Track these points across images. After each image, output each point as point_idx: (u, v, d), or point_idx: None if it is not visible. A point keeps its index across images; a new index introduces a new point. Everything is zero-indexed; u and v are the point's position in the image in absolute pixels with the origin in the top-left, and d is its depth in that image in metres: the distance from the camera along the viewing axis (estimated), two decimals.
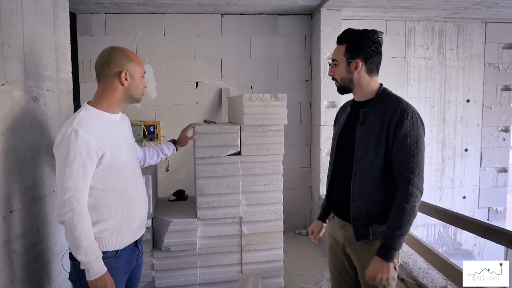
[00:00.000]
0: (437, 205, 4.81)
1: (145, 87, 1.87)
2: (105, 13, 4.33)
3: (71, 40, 2.60)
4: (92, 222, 1.66)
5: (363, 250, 1.76)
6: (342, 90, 1.84)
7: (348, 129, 1.85)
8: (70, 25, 4.28)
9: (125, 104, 1.83)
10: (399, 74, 4.72)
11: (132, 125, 4.30)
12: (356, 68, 1.74)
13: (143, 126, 4.34)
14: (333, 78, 1.85)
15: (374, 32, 1.75)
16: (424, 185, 1.70)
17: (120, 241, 1.75)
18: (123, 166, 1.74)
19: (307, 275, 3.55)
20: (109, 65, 1.73)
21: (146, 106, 4.45)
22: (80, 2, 3.94)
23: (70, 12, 4.20)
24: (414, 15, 4.47)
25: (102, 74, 1.75)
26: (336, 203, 1.92)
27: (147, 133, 4.37)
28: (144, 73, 1.86)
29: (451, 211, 2.51)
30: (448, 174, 4.91)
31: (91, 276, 1.60)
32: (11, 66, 1.86)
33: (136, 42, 4.38)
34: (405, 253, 2.79)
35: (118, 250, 1.74)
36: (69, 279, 1.77)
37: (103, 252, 1.69)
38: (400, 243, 1.65)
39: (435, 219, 2.73)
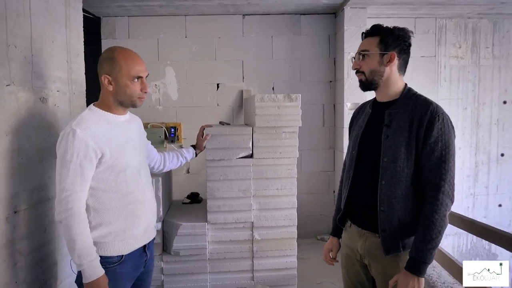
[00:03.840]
0: (470, 213, 4.59)
1: (145, 92, 1.70)
2: (128, 16, 4.37)
3: (95, 43, 2.61)
4: (94, 225, 1.64)
5: (387, 261, 1.63)
6: (367, 84, 1.69)
7: (371, 132, 1.72)
8: (94, 29, 4.39)
9: (123, 107, 1.75)
10: (429, 74, 4.49)
11: (153, 127, 4.36)
12: (390, 61, 1.62)
13: (164, 128, 4.36)
14: (357, 72, 1.71)
15: (407, 29, 1.66)
16: (456, 192, 1.56)
17: (124, 246, 1.70)
18: (125, 167, 1.69)
19: (326, 284, 3.42)
20: (98, 67, 1.69)
21: (167, 108, 4.45)
22: (103, 6, 3.99)
23: (94, 16, 4.30)
24: (445, 11, 4.24)
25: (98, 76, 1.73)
26: (354, 211, 1.78)
27: (168, 135, 4.37)
28: (141, 76, 1.68)
29: (478, 221, 2.32)
30: (482, 180, 4.62)
31: (84, 279, 1.56)
32: (17, 67, 1.85)
33: (158, 44, 4.40)
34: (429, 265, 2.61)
35: (122, 256, 1.69)
36: (75, 281, 1.75)
37: (107, 257, 1.65)
38: (431, 256, 1.51)
39: None
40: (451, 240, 4.52)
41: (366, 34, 1.70)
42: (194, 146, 2.40)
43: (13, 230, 1.82)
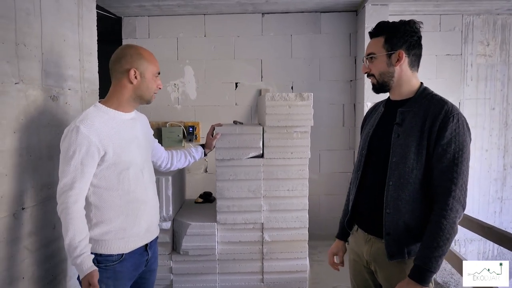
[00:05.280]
0: (497, 218, 4.38)
1: (159, 88, 1.80)
2: (148, 16, 4.40)
3: (117, 43, 2.62)
4: (95, 222, 1.65)
5: (393, 268, 1.56)
6: (379, 87, 1.63)
7: (381, 131, 1.65)
8: (116, 29, 4.45)
9: (136, 104, 1.78)
10: (454, 73, 4.31)
11: (172, 126, 4.37)
12: (398, 60, 1.55)
13: (182, 127, 4.37)
14: (368, 75, 1.66)
15: (414, 21, 1.56)
16: (482, 196, 1.48)
17: (125, 245, 1.70)
18: (128, 165, 1.69)
19: (342, 287, 3.34)
20: (120, 61, 1.70)
21: (186, 107, 4.46)
22: (124, 6, 4.03)
23: (115, 16, 4.36)
24: (472, 8, 4.07)
25: (113, 71, 1.73)
26: (361, 213, 1.71)
27: (186, 134, 4.38)
28: (159, 73, 1.79)
29: (497, 228, 2.18)
30: (510, 184, 4.39)
31: (80, 270, 1.57)
32: (26, 65, 1.88)
33: (178, 43, 4.41)
34: (447, 272, 2.50)
35: (123, 254, 1.69)
36: (77, 279, 1.76)
37: (107, 256, 1.66)
38: (438, 265, 1.43)
39: None
40: (477, 245, 4.33)
41: (372, 34, 1.63)
42: (203, 145, 2.37)
43: (20, 227, 1.84)
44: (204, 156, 2.35)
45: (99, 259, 1.64)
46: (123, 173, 1.68)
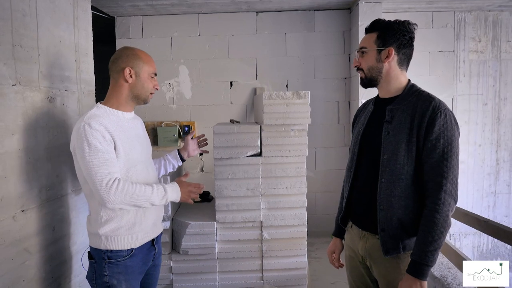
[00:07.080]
0: (491, 212, 4.44)
1: (156, 89, 1.85)
2: (142, 16, 4.39)
3: (110, 43, 2.61)
4: (105, 220, 1.69)
5: (387, 263, 1.59)
6: (367, 81, 1.67)
7: (371, 128, 1.68)
8: (109, 29, 4.42)
9: (134, 104, 1.83)
10: (447, 69, 4.35)
11: (168, 125, 4.36)
12: (387, 57, 1.58)
13: (178, 126, 4.36)
14: (358, 69, 1.69)
15: (408, 22, 1.60)
16: (476, 190, 1.50)
17: (134, 240, 1.74)
18: (135, 162, 1.75)
19: (340, 283, 3.37)
20: (117, 61, 1.76)
21: (181, 107, 4.46)
22: (117, 5, 4.02)
23: (109, 16, 4.33)
24: (463, 4, 4.11)
25: (111, 71, 1.78)
26: (355, 210, 1.74)
27: (181, 134, 4.38)
28: (155, 74, 1.84)
29: (493, 221, 2.21)
30: (503, 178, 4.45)
31: (176, 199, 1.78)
32: (23, 67, 1.87)
33: (172, 43, 4.40)
34: (444, 266, 2.53)
35: (133, 249, 1.74)
36: (86, 277, 1.80)
37: (118, 251, 1.70)
38: (434, 258, 1.46)
39: None
40: (471, 239, 4.38)
41: (366, 30, 1.67)
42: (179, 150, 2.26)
43: (20, 229, 1.83)
44: (182, 161, 2.23)
45: (110, 255, 1.69)
46: (132, 170, 1.73)
